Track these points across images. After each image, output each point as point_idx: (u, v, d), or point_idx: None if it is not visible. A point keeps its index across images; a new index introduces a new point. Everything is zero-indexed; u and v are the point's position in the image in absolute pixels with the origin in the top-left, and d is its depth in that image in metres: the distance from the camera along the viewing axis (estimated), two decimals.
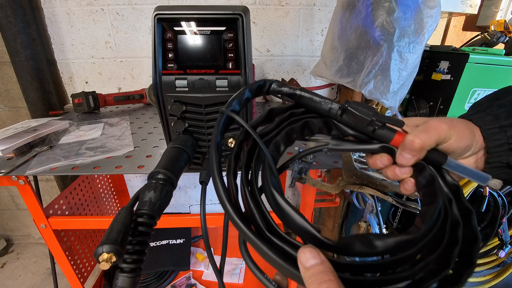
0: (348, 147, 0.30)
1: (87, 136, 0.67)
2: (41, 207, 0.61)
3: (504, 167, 0.29)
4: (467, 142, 0.28)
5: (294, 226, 0.21)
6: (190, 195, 1.32)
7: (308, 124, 0.30)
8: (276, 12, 0.97)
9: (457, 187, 0.27)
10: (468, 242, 0.24)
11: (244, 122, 0.27)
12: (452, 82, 0.78)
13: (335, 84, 1.06)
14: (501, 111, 0.29)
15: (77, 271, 0.73)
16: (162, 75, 0.44)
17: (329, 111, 0.29)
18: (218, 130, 0.26)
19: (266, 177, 0.25)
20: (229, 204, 0.22)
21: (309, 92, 0.30)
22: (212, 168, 0.24)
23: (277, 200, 0.23)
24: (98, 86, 1.06)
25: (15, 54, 0.87)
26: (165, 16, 0.42)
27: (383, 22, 0.61)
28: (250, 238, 0.20)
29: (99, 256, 0.25)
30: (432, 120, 0.28)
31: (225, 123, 0.27)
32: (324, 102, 0.29)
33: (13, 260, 1.33)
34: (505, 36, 0.86)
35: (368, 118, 0.27)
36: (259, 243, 0.20)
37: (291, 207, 0.22)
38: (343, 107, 0.28)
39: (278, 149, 0.30)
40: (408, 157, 0.27)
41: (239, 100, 0.29)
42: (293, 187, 0.59)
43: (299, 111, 0.31)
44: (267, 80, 0.31)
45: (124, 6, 0.94)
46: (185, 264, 1.08)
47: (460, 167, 0.28)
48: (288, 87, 0.30)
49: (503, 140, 0.29)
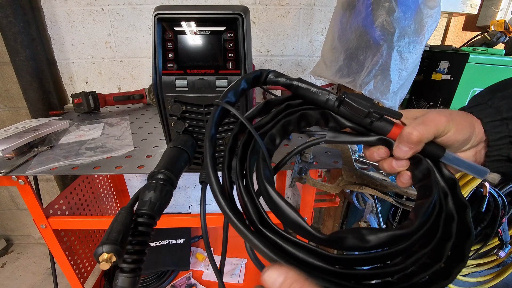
0: (346, 139, 0.30)
1: (87, 136, 0.67)
2: (41, 207, 0.61)
3: (504, 160, 0.29)
4: (466, 135, 0.28)
5: (286, 219, 0.21)
6: (190, 195, 1.32)
7: (305, 116, 0.30)
8: (276, 12, 0.97)
9: (454, 181, 0.27)
10: (461, 237, 0.24)
11: (240, 114, 0.27)
12: (452, 82, 0.78)
13: (335, 84, 1.06)
14: (502, 103, 0.29)
15: (77, 271, 0.73)
16: (162, 75, 0.44)
17: (326, 102, 0.28)
18: (213, 122, 0.26)
19: (260, 170, 0.25)
20: (221, 196, 0.22)
21: (307, 82, 0.29)
22: (206, 161, 0.23)
23: (269, 193, 0.22)
24: (98, 86, 1.06)
25: (15, 54, 0.87)
26: (165, 16, 0.42)
27: (383, 22, 0.61)
28: (239, 229, 0.20)
29: (99, 256, 0.25)
30: (431, 113, 0.28)
31: (220, 115, 0.27)
32: (322, 93, 0.29)
33: (13, 260, 1.33)
34: (505, 36, 0.86)
35: (366, 110, 0.27)
36: (248, 233, 0.20)
37: (283, 200, 0.22)
38: (340, 98, 0.28)
39: (273, 141, 0.30)
40: (405, 149, 0.27)
41: (235, 91, 0.28)
42: (293, 187, 0.59)
43: (296, 102, 0.31)
44: (264, 70, 0.30)
45: (124, 6, 0.94)
46: (185, 264, 1.08)
47: (458, 161, 0.28)
48: (285, 77, 0.30)
49: (504, 133, 0.28)
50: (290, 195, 1.36)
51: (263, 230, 0.21)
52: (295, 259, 0.19)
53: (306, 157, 0.53)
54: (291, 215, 0.21)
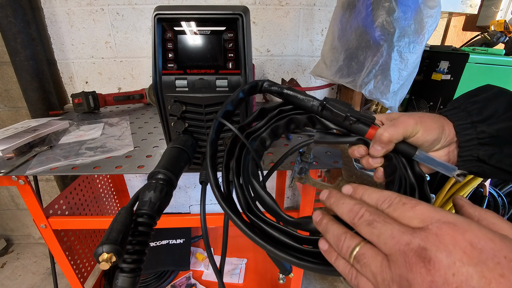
0: (331, 139, 0.34)
1: (87, 136, 0.67)
2: (41, 207, 0.61)
3: (475, 160, 0.32)
4: (434, 136, 0.31)
5: (265, 205, 0.27)
6: (190, 195, 1.32)
7: (293, 120, 0.35)
8: (276, 12, 0.97)
9: (422, 178, 0.30)
10: None
11: (233, 126, 0.32)
12: (452, 82, 0.78)
13: (335, 84, 1.06)
14: (474, 108, 0.31)
15: (77, 271, 0.73)
16: (162, 75, 0.44)
17: (311, 107, 0.33)
18: (213, 131, 0.32)
19: (247, 168, 0.30)
20: (216, 188, 0.27)
21: (295, 90, 0.34)
22: (206, 160, 0.29)
23: (253, 185, 0.27)
24: (98, 86, 1.06)
25: (15, 54, 0.87)
26: (165, 16, 0.42)
27: (383, 22, 0.61)
28: (229, 215, 0.26)
29: (99, 256, 0.25)
30: (403, 115, 0.31)
31: (218, 127, 0.33)
32: (307, 99, 0.33)
33: (13, 260, 1.33)
34: (505, 36, 0.86)
35: (343, 114, 0.31)
36: (235, 218, 0.25)
37: (264, 190, 0.27)
38: (322, 104, 0.32)
39: (263, 144, 0.35)
40: (378, 148, 0.31)
41: (232, 102, 0.34)
42: (293, 187, 0.59)
43: (287, 108, 0.35)
44: (259, 81, 0.36)
45: (124, 6, 0.94)
46: (185, 264, 1.08)
47: (428, 159, 0.31)
48: (277, 87, 0.35)
49: (473, 135, 0.31)
50: (290, 195, 1.36)
51: (250, 216, 0.26)
52: (269, 237, 0.24)
53: (306, 157, 0.53)
54: (268, 202, 0.26)
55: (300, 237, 0.24)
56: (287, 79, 1.07)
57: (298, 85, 1.04)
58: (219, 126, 0.33)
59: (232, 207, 0.27)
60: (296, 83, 1.04)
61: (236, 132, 0.32)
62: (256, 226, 0.26)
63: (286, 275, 0.68)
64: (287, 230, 0.25)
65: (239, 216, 0.26)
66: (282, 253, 0.22)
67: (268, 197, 0.27)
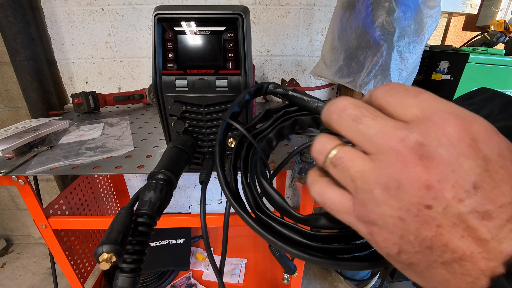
0: None
1: (87, 136, 0.67)
2: (41, 207, 0.61)
3: None
4: None
5: (275, 204, 0.27)
6: (190, 195, 1.32)
7: (298, 121, 0.36)
8: (276, 12, 0.97)
9: None
10: None
11: (241, 127, 0.32)
12: (452, 82, 0.78)
13: (335, 84, 1.06)
14: (471, 109, 0.32)
15: (77, 271, 0.73)
16: (162, 75, 0.44)
17: (316, 108, 0.34)
18: (222, 132, 0.33)
19: (256, 167, 0.31)
20: (226, 188, 0.28)
21: (299, 92, 0.35)
22: (216, 160, 0.30)
23: (262, 184, 0.28)
24: (98, 86, 1.06)
25: (15, 54, 0.87)
26: (165, 16, 0.42)
27: (383, 22, 0.61)
28: (239, 212, 0.26)
29: (99, 256, 0.25)
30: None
31: (226, 127, 0.34)
32: (312, 101, 0.34)
33: (13, 260, 1.33)
34: (505, 36, 0.86)
35: None
36: (244, 214, 0.26)
37: (273, 189, 0.27)
38: None
39: (270, 144, 0.36)
40: None
41: (239, 103, 0.35)
42: (293, 187, 0.59)
43: (292, 109, 0.36)
44: (265, 83, 0.37)
45: (124, 6, 0.94)
46: (185, 264, 1.08)
47: None
48: (282, 89, 0.36)
49: None
50: (290, 195, 1.36)
51: (258, 213, 0.27)
52: (279, 234, 0.25)
53: (306, 157, 0.53)
54: (278, 201, 0.26)
55: (310, 234, 0.24)
56: (287, 79, 1.07)
57: (298, 85, 1.04)
58: (227, 126, 0.34)
59: (243, 206, 0.28)
60: (296, 83, 1.04)
61: (245, 133, 0.33)
62: (265, 225, 0.26)
63: (290, 275, 0.68)
64: (298, 228, 0.25)
65: (249, 215, 0.27)
66: (296, 250, 0.23)
67: (278, 196, 0.27)
